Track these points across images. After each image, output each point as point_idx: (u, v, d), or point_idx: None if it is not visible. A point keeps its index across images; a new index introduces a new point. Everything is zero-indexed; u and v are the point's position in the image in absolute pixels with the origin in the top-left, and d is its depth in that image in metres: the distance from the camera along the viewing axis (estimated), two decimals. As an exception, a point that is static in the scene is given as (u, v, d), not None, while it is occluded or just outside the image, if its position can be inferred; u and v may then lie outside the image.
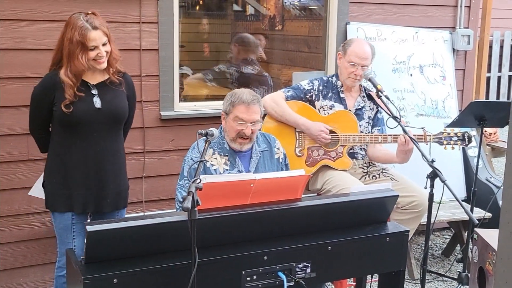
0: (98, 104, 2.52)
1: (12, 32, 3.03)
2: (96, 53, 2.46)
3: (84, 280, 1.80)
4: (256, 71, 4.53)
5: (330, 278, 2.64)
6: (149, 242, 1.95)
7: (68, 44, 2.44)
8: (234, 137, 2.65)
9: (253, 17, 5.44)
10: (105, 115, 2.53)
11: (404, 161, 3.15)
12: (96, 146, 2.54)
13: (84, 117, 2.49)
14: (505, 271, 1.08)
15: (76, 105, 2.47)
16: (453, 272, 3.85)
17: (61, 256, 2.62)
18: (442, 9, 4.29)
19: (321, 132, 3.16)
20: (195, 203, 1.78)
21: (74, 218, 2.57)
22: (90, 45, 2.43)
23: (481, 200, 3.79)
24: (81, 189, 2.54)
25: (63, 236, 2.59)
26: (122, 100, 2.61)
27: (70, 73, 2.45)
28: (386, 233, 2.32)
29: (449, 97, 4.27)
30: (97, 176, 2.56)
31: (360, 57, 3.18)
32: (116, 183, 2.63)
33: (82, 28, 2.42)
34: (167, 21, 3.39)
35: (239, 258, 2.02)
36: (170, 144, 3.51)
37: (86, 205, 2.57)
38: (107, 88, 2.57)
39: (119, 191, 2.66)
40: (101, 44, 2.46)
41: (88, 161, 2.54)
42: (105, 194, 2.59)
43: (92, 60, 2.47)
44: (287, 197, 2.19)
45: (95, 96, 2.53)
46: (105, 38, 2.48)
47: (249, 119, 2.62)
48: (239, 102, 2.62)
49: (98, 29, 2.45)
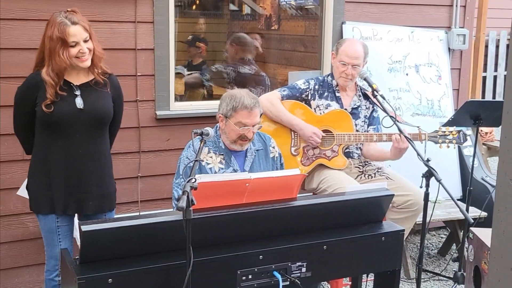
0: (80, 105, 2.47)
1: (7, 32, 3.02)
2: (78, 49, 2.42)
3: (79, 280, 1.80)
4: (253, 71, 4.54)
5: (326, 278, 2.65)
6: (144, 241, 1.95)
7: (48, 42, 2.41)
8: (235, 140, 2.64)
9: (249, 16, 5.44)
10: (88, 116, 2.49)
11: (397, 158, 3.17)
12: (78, 148, 2.50)
13: (65, 117, 2.45)
14: (498, 270, 1.08)
15: (57, 106, 2.44)
16: (449, 271, 3.86)
17: (49, 259, 2.59)
18: (438, 9, 4.30)
19: (314, 134, 3.16)
20: (190, 202, 1.78)
21: (58, 220, 2.54)
22: (70, 40, 2.40)
23: (477, 199, 3.80)
24: (62, 190, 2.50)
25: (49, 238, 2.56)
26: (106, 102, 2.57)
27: (51, 72, 2.42)
28: (381, 232, 2.32)
29: (444, 97, 4.28)
30: (78, 178, 2.52)
31: (350, 56, 3.19)
32: (99, 186, 2.57)
33: (61, 24, 2.39)
34: (162, 21, 3.38)
35: (234, 257, 2.02)
36: (165, 144, 3.51)
37: (67, 206, 2.52)
38: (91, 89, 2.52)
39: (104, 194, 2.60)
40: (82, 41, 2.42)
41: (70, 162, 2.50)
42: (86, 197, 2.54)
43: (74, 58, 2.43)
44: (282, 196, 2.19)
45: (77, 96, 2.48)
46: (86, 34, 2.44)
47: (252, 123, 2.62)
48: (242, 108, 2.59)
49: (77, 24, 2.41)
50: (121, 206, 3.42)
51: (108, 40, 3.25)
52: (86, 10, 3.04)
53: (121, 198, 3.40)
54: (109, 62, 3.21)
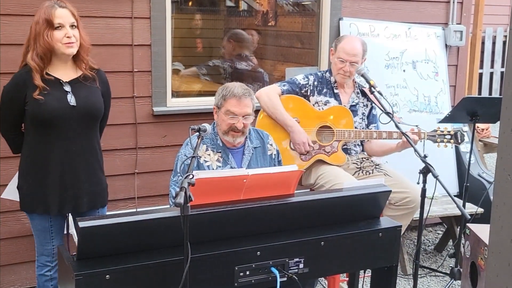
0: (73, 102, 2.44)
1: (2, 27, 3.00)
2: (63, 33, 2.38)
3: (76, 277, 1.79)
4: (250, 67, 4.53)
5: (323, 274, 2.65)
6: (141, 238, 1.94)
7: (34, 26, 2.39)
8: (226, 130, 2.64)
9: (246, 12, 5.43)
10: (80, 112, 2.45)
11: (402, 149, 3.21)
12: (71, 145, 2.47)
13: (58, 115, 2.40)
14: (496, 265, 1.08)
15: (49, 103, 2.39)
16: (446, 267, 3.87)
17: (40, 256, 2.59)
18: (435, 5, 4.31)
19: (303, 143, 3.15)
20: (187, 198, 1.77)
21: (51, 219, 2.52)
22: (56, 22, 2.36)
23: (473, 196, 3.81)
24: (57, 189, 2.47)
25: (41, 237, 2.55)
26: (97, 97, 2.54)
27: (36, 56, 2.37)
28: (378, 228, 2.33)
29: (441, 93, 4.29)
30: (73, 176, 2.49)
31: (348, 53, 3.18)
32: (92, 182, 2.55)
33: (48, 7, 2.39)
34: (159, 16, 3.37)
35: (232, 253, 2.02)
36: (162, 140, 3.50)
37: (63, 206, 2.50)
38: (81, 84, 2.49)
39: (97, 190, 2.58)
40: (68, 25, 2.39)
41: (64, 160, 2.46)
42: (81, 194, 2.52)
43: (60, 44, 2.38)
44: (280, 192, 2.18)
45: (68, 93, 2.44)
46: (72, 19, 2.41)
47: (241, 113, 2.61)
48: (231, 96, 2.61)
49: (65, 8, 2.40)
50: (118, 202, 3.41)
51: (104, 36, 3.24)
52: (82, 6, 3.03)
53: (118, 195, 3.40)
54: (106, 58, 3.21)
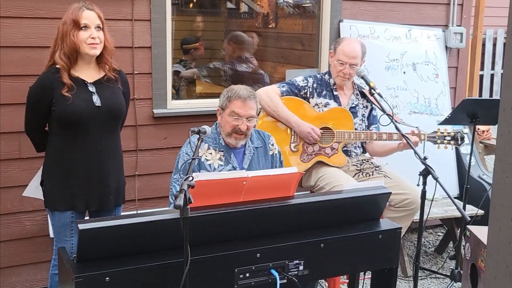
0: (98, 102, 2.51)
1: (2, 30, 3.01)
2: (88, 34, 2.46)
3: (76, 279, 1.79)
4: (250, 69, 4.53)
5: (323, 275, 2.65)
6: (141, 240, 1.94)
7: (62, 27, 2.47)
8: (230, 132, 2.65)
9: (247, 14, 5.43)
10: (105, 112, 2.53)
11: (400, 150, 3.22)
12: (96, 144, 2.54)
13: (84, 115, 2.48)
14: (494, 267, 1.08)
15: (76, 104, 2.46)
16: (446, 269, 3.87)
17: (57, 254, 2.60)
18: (435, 7, 4.31)
19: (312, 130, 3.16)
20: (187, 201, 1.78)
21: (73, 216, 2.55)
22: (82, 22, 2.45)
23: (474, 197, 3.81)
24: (83, 187, 2.53)
25: (61, 234, 2.57)
26: (119, 97, 2.62)
27: (63, 55, 2.46)
28: (378, 230, 2.33)
29: (442, 95, 4.29)
30: (99, 174, 2.56)
31: (348, 55, 3.19)
32: (116, 180, 2.64)
33: (75, 9, 2.48)
34: (159, 19, 3.38)
35: (231, 255, 2.02)
36: (163, 142, 3.50)
37: (89, 203, 2.56)
38: (104, 85, 2.57)
39: (119, 188, 2.67)
40: (94, 27, 2.47)
41: (90, 159, 2.53)
42: (107, 192, 2.59)
43: (85, 44, 2.46)
44: (280, 194, 2.19)
45: (93, 94, 2.52)
46: (98, 22, 2.49)
47: (245, 115, 2.62)
48: (236, 97, 2.63)
49: (92, 10, 2.49)
50: (119, 204, 3.41)
51: (105, 38, 3.24)
52: (83, 8, 3.03)
53: (118, 197, 3.40)
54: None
